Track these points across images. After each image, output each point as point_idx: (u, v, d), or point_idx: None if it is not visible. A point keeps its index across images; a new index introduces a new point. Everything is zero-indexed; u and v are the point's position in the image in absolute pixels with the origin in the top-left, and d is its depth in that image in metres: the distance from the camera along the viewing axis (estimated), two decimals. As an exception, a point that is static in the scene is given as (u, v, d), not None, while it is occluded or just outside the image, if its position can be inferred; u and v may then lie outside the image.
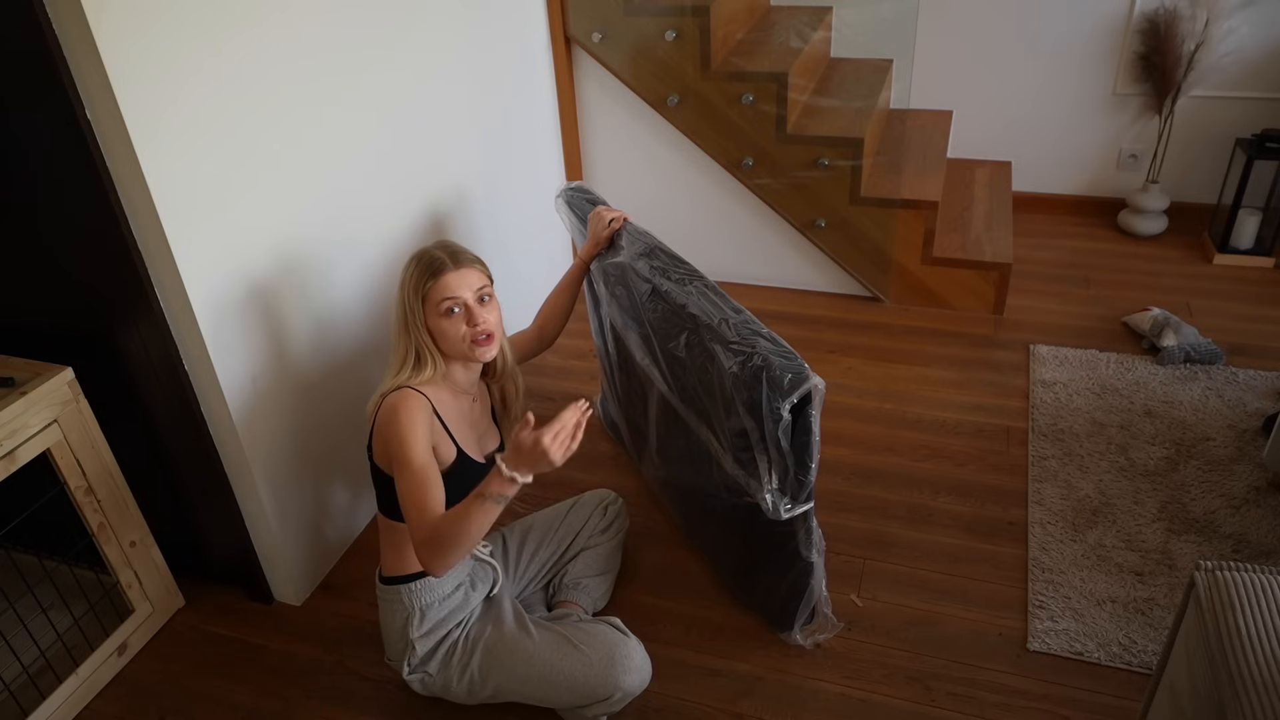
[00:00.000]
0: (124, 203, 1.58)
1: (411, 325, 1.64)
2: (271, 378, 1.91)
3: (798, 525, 1.70)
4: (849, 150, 2.84)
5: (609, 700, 1.63)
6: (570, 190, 2.26)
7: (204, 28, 1.61)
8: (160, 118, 1.54)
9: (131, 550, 1.91)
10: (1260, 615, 1.20)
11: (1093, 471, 2.29)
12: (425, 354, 1.64)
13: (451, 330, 1.63)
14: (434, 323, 1.64)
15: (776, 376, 1.54)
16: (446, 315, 1.63)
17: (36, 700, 1.78)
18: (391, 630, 1.71)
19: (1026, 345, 2.81)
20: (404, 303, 1.65)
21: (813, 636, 1.89)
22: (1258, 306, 2.95)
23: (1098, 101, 3.37)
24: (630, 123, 3.08)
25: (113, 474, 1.84)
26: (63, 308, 1.79)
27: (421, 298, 1.63)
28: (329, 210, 2.01)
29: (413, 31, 2.23)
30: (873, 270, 3.05)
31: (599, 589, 1.96)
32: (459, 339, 1.64)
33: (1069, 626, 1.89)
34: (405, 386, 1.61)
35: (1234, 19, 3.04)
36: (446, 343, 1.65)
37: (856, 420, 2.54)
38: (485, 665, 1.67)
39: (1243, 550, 2.03)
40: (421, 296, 1.63)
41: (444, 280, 1.62)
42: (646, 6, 2.80)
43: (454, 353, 1.66)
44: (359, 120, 2.07)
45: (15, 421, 1.62)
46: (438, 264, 1.63)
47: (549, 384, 2.80)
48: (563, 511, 2.01)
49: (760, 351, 1.59)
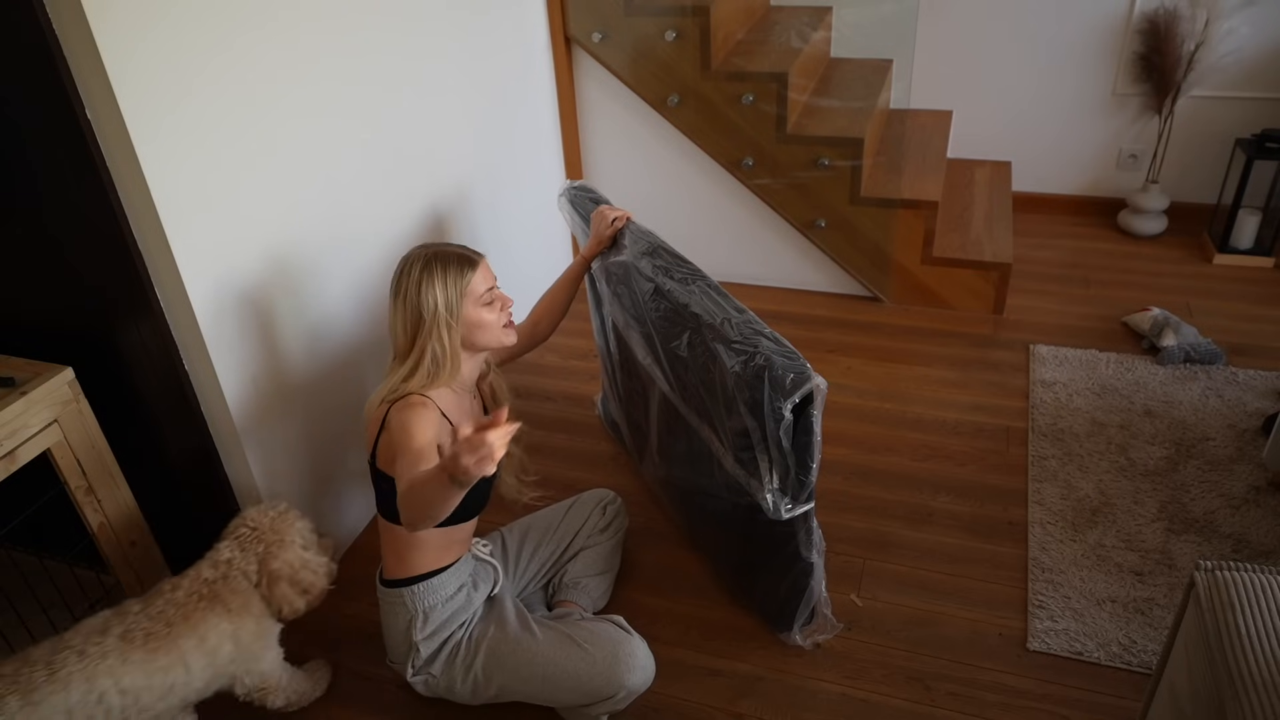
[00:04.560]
0: (124, 202, 1.58)
1: (434, 328, 1.60)
2: (271, 377, 1.91)
3: (798, 525, 1.70)
4: (849, 150, 2.84)
5: (613, 699, 1.63)
6: (573, 189, 2.26)
7: (205, 28, 1.61)
8: (160, 117, 1.55)
9: (132, 550, 1.91)
10: (1260, 615, 1.20)
11: (1093, 471, 2.29)
12: (443, 359, 1.62)
13: (491, 318, 1.66)
14: (475, 314, 1.64)
15: (778, 376, 1.54)
16: (489, 304, 1.66)
17: (37, 700, 1.78)
18: (394, 633, 1.70)
19: (1026, 345, 2.81)
20: (429, 305, 1.60)
21: (812, 637, 1.89)
22: (1258, 306, 2.95)
23: (1097, 101, 3.37)
24: (630, 123, 3.09)
25: (113, 474, 1.84)
26: (63, 307, 1.79)
27: (460, 293, 1.62)
28: (329, 210, 2.01)
29: (413, 32, 2.23)
30: (873, 270, 3.05)
31: (599, 588, 1.96)
32: (497, 326, 1.67)
33: (1069, 626, 1.89)
34: (412, 394, 1.59)
35: (1234, 19, 3.04)
36: (484, 332, 1.66)
37: (856, 420, 2.54)
38: (489, 665, 1.67)
39: (1242, 550, 2.03)
40: (460, 291, 1.62)
41: (481, 271, 1.65)
42: (646, 6, 2.80)
43: (487, 341, 1.68)
44: (359, 120, 2.07)
45: (15, 421, 1.62)
46: (465, 257, 1.65)
47: (549, 384, 2.80)
48: (561, 511, 2.01)
49: (763, 351, 1.59)
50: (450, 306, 1.61)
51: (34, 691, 1.37)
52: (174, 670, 1.50)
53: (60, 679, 1.39)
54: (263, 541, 1.63)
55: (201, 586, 1.58)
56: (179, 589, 1.57)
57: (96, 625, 1.49)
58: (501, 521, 2.05)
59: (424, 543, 1.64)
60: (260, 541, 1.63)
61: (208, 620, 1.54)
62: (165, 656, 1.48)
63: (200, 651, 1.53)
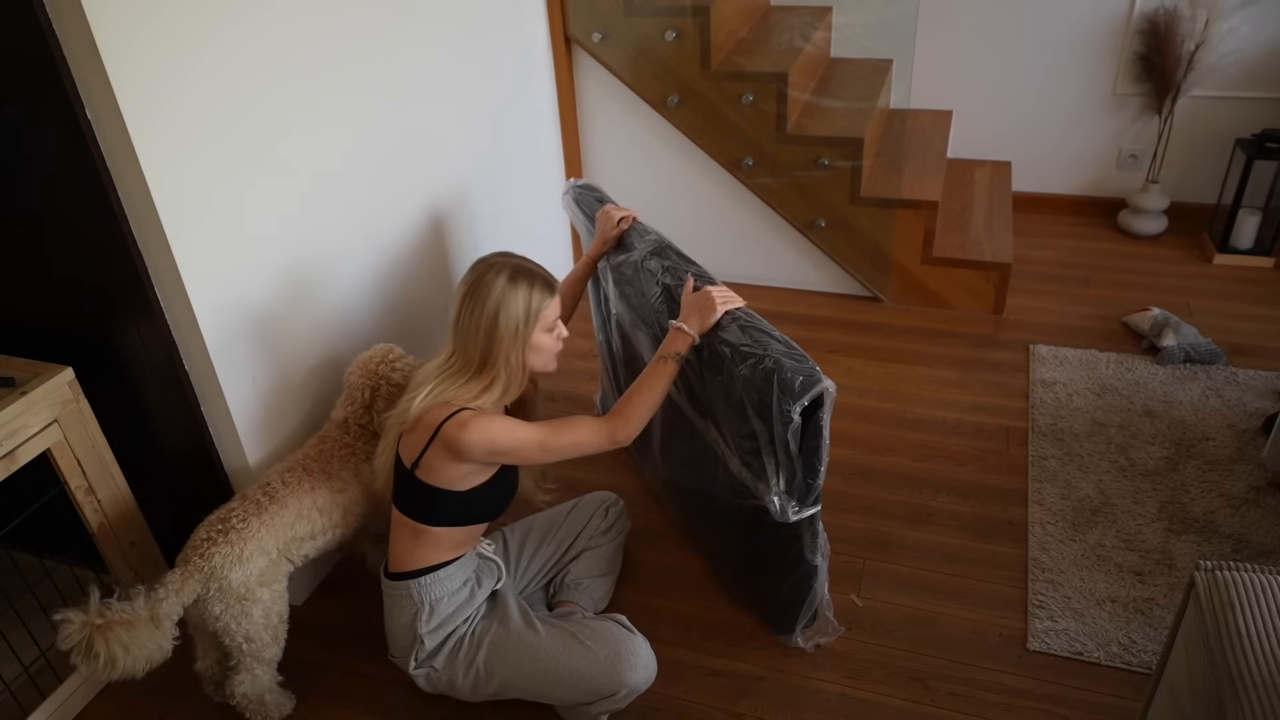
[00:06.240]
0: (124, 203, 1.58)
1: (512, 347, 1.58)
2: (271, 377, 1.91)
3: (804, 528, 1.70)
4: (849, 150, 2.84)
5: (614, 697, 1.63)
6: (578, 188, 2.26)
7: (205, 28, 1.61)
8: (160, 118, 1.54)
9: (131, 550, 1.91)
10: (1260, 615, 1.20)
11: (1093, 471, 2.29)
12: (515, 376, 1.61)
13: (551, 345, 1.65)
14: (539, 339, 1.62)
15: (788, 379, 1.53)
16: (551, 331, 1.64)
17: (37, 700, 1.78)
18: (398, 625, 1.70)
19: (1026, 345, 2.81)
20: (509, 316, 1.56)
21: (814, 639, 1.89)
22: (1258, 306, 2.95)
23: (1098, 101, 3.37)
24: (630, 122, 3.08)
25: (113, 474, 1.84)
26: (63, 308, 1.79)
27: (537, 314, 1.59)
28: (329, 210, 2.01)
29: (412, 34, 2.23)
30: (873, 270, 3.05)
31: (600, 590, 1.96)
32: (552, 354, 1.67)
33: (1069, 626, 1.89)
34: (464, 408, 1.56)
35: (1234, 19, 3.04)
36: (539, 357, 1.64)
37: (856, 420, 2.54)
38: (491, 661, 1.67)
39: (1243, 550, 2.03)
40: (537, 313, 1.59)
41: (556, 299, 1.63)
42: (646, 6, 2.80)
43: (539, 365, 1.66)
44: (360, 121, 2.07)
45: (15, 421, 1.62)
46: (549, 281, 1.62)
47: (549, 384, 2.80)
48: (564, 512, 2.01)
49: (771, 354, 1.58)
50: (528, 322, 1.58)
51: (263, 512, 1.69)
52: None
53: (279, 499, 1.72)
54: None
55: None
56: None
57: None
58: (503, 522, 2.04)
59: (439, 538, 1.64)
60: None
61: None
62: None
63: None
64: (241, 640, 1.67)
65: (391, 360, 1.89)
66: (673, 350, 1.67)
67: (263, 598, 1.67)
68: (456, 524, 1.64)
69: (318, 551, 1.79)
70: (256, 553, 1.66)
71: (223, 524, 1.66)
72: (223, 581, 1.62)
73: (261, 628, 1.68)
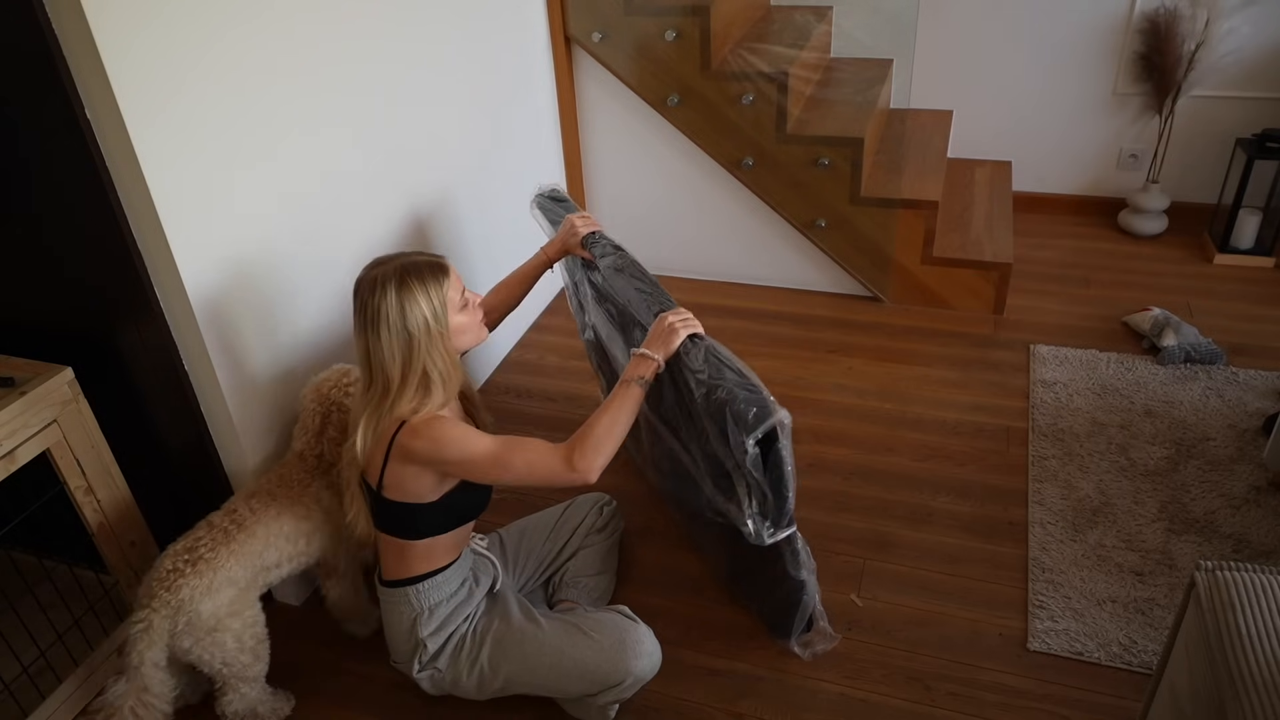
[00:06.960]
0: (124, 203, 1.58)
1: (428, 344, 1.52)
2: (271, 377, 1.91)
3: (783, 548, 1.67)
4: (849, 150, 2.84)
5: (620, 686, 1.63)
6: (543, 197, 2.19)
7: (205, 28, 1.61)
8: (160, 118, 1.54)
9: (131, 550, 1.90)
10: (1260, 615, 1.20)
11: (1093, 471, 2.29)
12: (448, 372, 1.55)
13: (470, 319, 1.61)
14: (457, 320, 1.57)
15: (740, 411, 1.47)
16: (464, 307, 1.59)
17: (36, 700, 1.78)
18: (398, 631, 1.70)
19: (1026, 345, 2.81)
20: (418, 323, 1.50)
21: (810, 648, 1.88)
22: (1258, 306, 2.95)
23: (1098, 101, 3.37)
24: (630, 122, 3.08)
25: (112, 474, 1.84)
26: (63, 308, 1.79)
27: (443, 302, 1.53)
28: (329, 209, 2.01)
29: (412, 34, 2.23)
30: (873, 270, 3.05)
31: (599, 588, 1.96)
32: (475, 326, 1.63)
33: (1069, 626, 1.89)
34: (410, 418, 1.52)
35: (1234, 19, 3.04)
36: (466, 335, 1.60)
37: (856, 420, 2.54)
38: (495, 657, 1.67)
39: (1243, 550, 2.03)
40: (443, 301, 1.53)
41: (453, 275, 1.57)
42: (646, 6, 2.80)
43: (468, 344, 1.62)
44: (359, 120, 2.07)
45: (15, 421, 1.62)
46: (437, 265, 1.56)
47: (549, 384, 2.80)
48: (559, 511, 2.01)
49: (725, 384, 1.52)
50: (438, 318, 1.52)
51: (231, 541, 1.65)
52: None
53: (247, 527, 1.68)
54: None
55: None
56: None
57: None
58: (500, 522, 2.05)
59: (430, 547, 1.63)
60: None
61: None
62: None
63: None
64: (220, 666, 1.65)
65: (345, 385, 1.81)
66: (636, 374, 1.59)
67: (233, 627, 1.64)
68: (442, 531, 1.63)
69: (281, 579, 1.76)
70: (225, 584, 1.62)
71: (190, 554, 1.61)
72: (192, 615, 1.58)
73: (237, 652, 1.65)
